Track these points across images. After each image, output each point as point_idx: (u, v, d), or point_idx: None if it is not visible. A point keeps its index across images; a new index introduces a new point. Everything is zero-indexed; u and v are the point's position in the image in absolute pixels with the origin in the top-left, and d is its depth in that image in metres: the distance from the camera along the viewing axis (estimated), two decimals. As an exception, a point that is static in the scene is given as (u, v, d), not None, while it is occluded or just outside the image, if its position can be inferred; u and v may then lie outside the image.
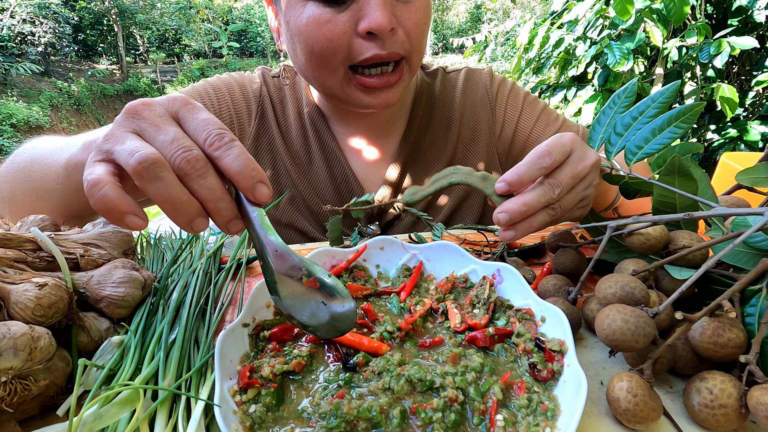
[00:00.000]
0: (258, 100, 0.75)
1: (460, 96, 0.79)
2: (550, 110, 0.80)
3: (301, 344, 0.39)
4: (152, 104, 0.33)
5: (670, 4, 1.94)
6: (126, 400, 0.31)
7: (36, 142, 0.59)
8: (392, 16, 0.56)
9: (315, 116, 0.75)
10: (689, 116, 0.46)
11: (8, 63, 9.25)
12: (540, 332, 0.39)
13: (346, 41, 0.57)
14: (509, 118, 0.79)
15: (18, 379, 0.30)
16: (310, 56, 0.60)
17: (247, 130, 0.75)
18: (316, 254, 0.47)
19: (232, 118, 0.74)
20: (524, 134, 0.79)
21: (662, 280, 0.41)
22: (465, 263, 0.48)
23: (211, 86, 0.74)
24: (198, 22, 14.79)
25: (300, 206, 0.76)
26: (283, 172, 0.76)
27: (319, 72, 0.61)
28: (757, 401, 0.29)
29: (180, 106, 0.33)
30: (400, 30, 0.59)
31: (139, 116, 0.32)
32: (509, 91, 0.80)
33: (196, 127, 0.31)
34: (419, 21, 0.60)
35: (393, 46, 0.58)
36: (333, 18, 0.56)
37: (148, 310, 0.41)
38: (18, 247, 0.39)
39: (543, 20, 2.68)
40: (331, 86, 0.63)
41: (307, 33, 0.58)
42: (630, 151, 0.49)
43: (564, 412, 0.32)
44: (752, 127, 2.28)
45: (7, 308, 0.33)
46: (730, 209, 0.38)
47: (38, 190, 0.54)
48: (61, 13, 11.09)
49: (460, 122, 0.78)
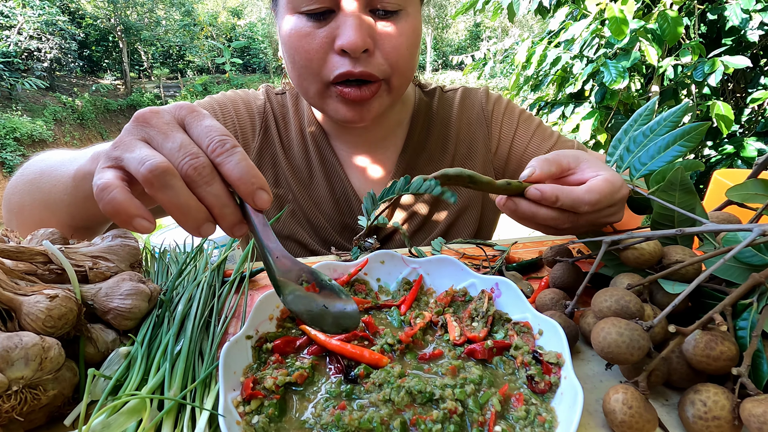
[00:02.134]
0: (262, 116, 0.78)
1: (456, 114, 0.81)
2: (545, 127, 0.82)
3: (303, 356, 0.40)
4: (160, 112, 0.34)
5: (665, 24, 1.99)
6: (133, 410, 0.31)
7: (45, 155, 0.60)
8: (367, 38, 0.58)
9: (317, 132, 0.77)
10: (694, 135, 0.48)
11: (14, 78, 9.38)
12: (537, 345, 0.40)
13: (322, 55, 0.60)
14: (505, 135, 0.81)
15: (28, 389, 0.31)
16: (293, 66, 0.63)
17: (251, 145, 0.77)
18: (318, 268, 0.48)
19: (237, 133, 0.76)
20: (520, 150, 0.80)
21: (656, 294, 0.42)
22: (464, 277, 0.49)
23: (216, 103, 0.76)
24: (202, 39, 15.04)
25: (300, 219, 0.78)
26: (285, 186, 0.77)
27: (302, 81, 0.64)
28: (749, 413, 0.30)
29: (186, 113, 0.34)
30: (378, 52, 0.61)
31: (148, 124, 0.33)
32: (504, 109, 0.82)
33: (200, 133, 0.32)
34: (400, 45, 0.61)
35: (367, 67, 0.60)
36: (312, 32, 0.59)
37: (154, 322, 0.42)
38: (30, 260, 0.40)
39: (540, 39, 2.73)
40: (312, 96, 0.65)
41: (290, 44, 0.61)
42: (634, 167, 0.50)
43: (561, 424, 0.33)
44: (749, 143, 2.31)
45: (19, 319, 0.34)
46: (720, 225, 0.39)
47: (46, 201, 0.54)
48: (67, 29, 11.30)
49: (457, 139, 0.80)
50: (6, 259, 0.38)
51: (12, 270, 0.37)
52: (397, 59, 0.62)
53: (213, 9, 16.55)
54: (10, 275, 0.37)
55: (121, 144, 0.32)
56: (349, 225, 0.78)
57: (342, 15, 0.59)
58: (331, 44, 0.60)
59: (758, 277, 0.36)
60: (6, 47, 9.42)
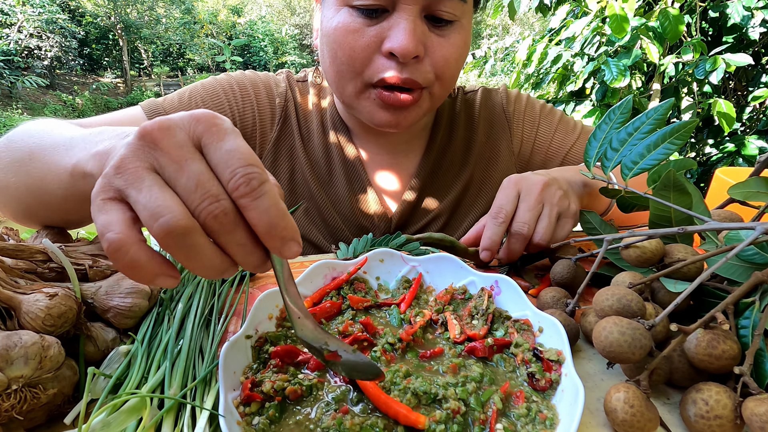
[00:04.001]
0: (282, 104, 0.73)
1: (478, 116, 0.79)
2: (567, 119, 0.80)
3: (306, 372, 0.38)
4: (172, 129, 0.27)
5: (666, 22, 1.98)
6: (133, 409, 0.31)
7: (35, 128, 0.51)
8: (419, 44, 0.56)
9: (339, 127, 0.74)
10: (683, 133, 0.48)
11: (14, 76, 9.38)
12: (538, 342, 0.40)
13: (368, 55, 0.57)
14: (527, 134, 0.79)
15: (28, 388, 0.31)
16: (333, 61, 0.60)
17: (269, 135, 0.73)
18: (316, 267, 0.48)
19: (255, 120, 0.72)
20: (544, 147, 0.79)
21: (658, 293, 0.42)
22: (464, 275, 0.48)
23: (236, 83, 0.72)
24: (202, 37, 15.03)
25: (315, 218, 0.74)
26: (300, 181, 0.74)
27: (339, 78, 0.61)
28: (752, 412, 0.30)
29: (204, 129, 0.27)
30: (426, 60, 0.58)
31: (157, 146, 0.27)
32: (525, 107, 0.80)
33: (221, 160, 0.27)
34: (450, 57, 0.59)
35: (413, 74, 0.57)
36: (361, 29, 0.56)
37: (154, 321, 0.42)
38: (29, 258, 0.40)
39: (541, 37, 2.73)
40: (348, 95, 0.62)
41: (334, 37, 0.58)
42: (626, 166, 0.50)
43: (562, 421, 0.32)
44: (750, 141, 2.30)
45: (18, 318, 0.34)
46: (722, 224, 0.39)
47: (36, 189, 0.48)
48: (67, 28, 11.29)
49: (480, 143, 0.78)
50: (5, 257, 0.38)
51: (12, 268, 0.37)
52: (444, 70, 0.60)
53: (213, 7, 16.52)
54: (9, 273, 0.37)
55: (125, 171, 0.26)
56: (365, 227, 0.75)
57: (396, 16, 0.55)
58: (379, 45, 0.57)
59: (761, 275, 0.36)
60: (6, 45, 9.42)
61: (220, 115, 0.28)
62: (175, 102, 0.69)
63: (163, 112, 0.67)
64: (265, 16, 17.27)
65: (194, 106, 0.67)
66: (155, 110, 0.67)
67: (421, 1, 0.55)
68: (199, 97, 0.69)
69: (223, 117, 0.28)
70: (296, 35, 16.62)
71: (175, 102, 0.69)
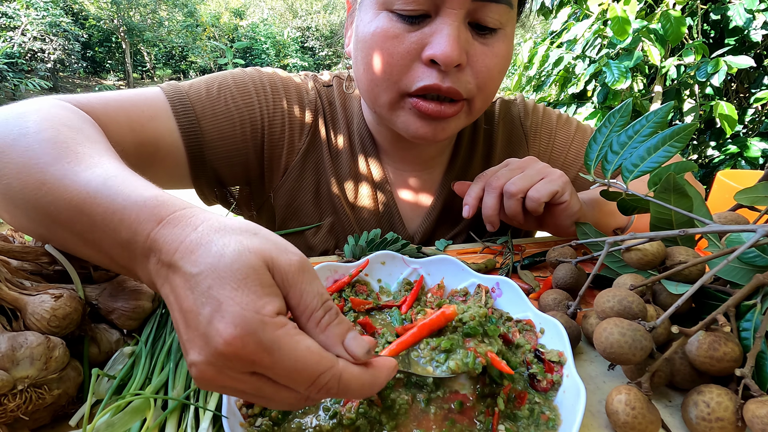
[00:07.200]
0: (313, 114, 0.69)
1: (497, 130, 0.77)
2: (584, 127, 0.79)
3: None
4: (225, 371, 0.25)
5: (667, 24, 1.98)
6: (137, 410, 0.32)
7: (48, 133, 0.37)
8: (462, 52, 0.52)
9: (367, 144, 0.70)
10: (683, 136, 0.48)
11: (18, 79, 9.42)
12: (539, 344, 0.40)
13: (407, 62, 0.54)
14: (543, 147, 0.78)
15: (33, 388, 0.31)
16: (368, 68, 0.56)
17: (297, 146, 0.68)
18: (319, 269, 0.48)
19: (284, 128, 0.67)
20: (561, 158, 0.78)
21: (659, 295, 0.42)
22: (465, 277, 0.49)
23: (269, 82, 0.67)
24: (204, 40, 15.08)
25: (339, 236, 0.71)
26: (325, 195, 0.70)
27: (374, 87, 0.57)
28: (753, 414, 0.30)
29: (256, 358, 0.24)
30: (468, 70, 0.55)
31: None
32: (541, 119, 0.78)
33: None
34: (493, 67, 0.56)
35: (455, 83, 0.54)
36: (402, 35, 0.53)
37: (158, 322, 0.42)
38: (35, 259, 0.40)
39: (543, 39, 2.73)
40: (382, 105, 0.59)
41: (371, 43, 0.55)
42: (627, 169, 0.51)
43: (564, 422, 0.33)
44: (752, 143, 2.30)
45: (24, 319, 0.34)
46: (723, 226, 0.39)
47: (43, 220, 0.36)
48: (70, 30, 11.35)
49: (498, 158, 0.76)
50: (11, 259, 0.39)
51: (17, 270, 0.38)
52: (486, 80, 0.56)
53: (215, 10, 16.60)
54: (15, 275, 0.37)
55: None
56: None
57: (439, 21, 0.52)
58: (419, 51, 0.53)
59: (762, 278, 0.36)
60: (10, 48, 9.47)
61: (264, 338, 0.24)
62: (203, 93, 0.63)
63: (187, 101, 0.61)
64: (267, 19, 17.32)
65: (222, 102, 0.63)
66: (179, 98, 0.61)
67: (467, 6, 0.51)
68: (229, 92, 0.64)
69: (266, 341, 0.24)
70: (298, 38, 16.68)
71: (203, 93, 0.63)
